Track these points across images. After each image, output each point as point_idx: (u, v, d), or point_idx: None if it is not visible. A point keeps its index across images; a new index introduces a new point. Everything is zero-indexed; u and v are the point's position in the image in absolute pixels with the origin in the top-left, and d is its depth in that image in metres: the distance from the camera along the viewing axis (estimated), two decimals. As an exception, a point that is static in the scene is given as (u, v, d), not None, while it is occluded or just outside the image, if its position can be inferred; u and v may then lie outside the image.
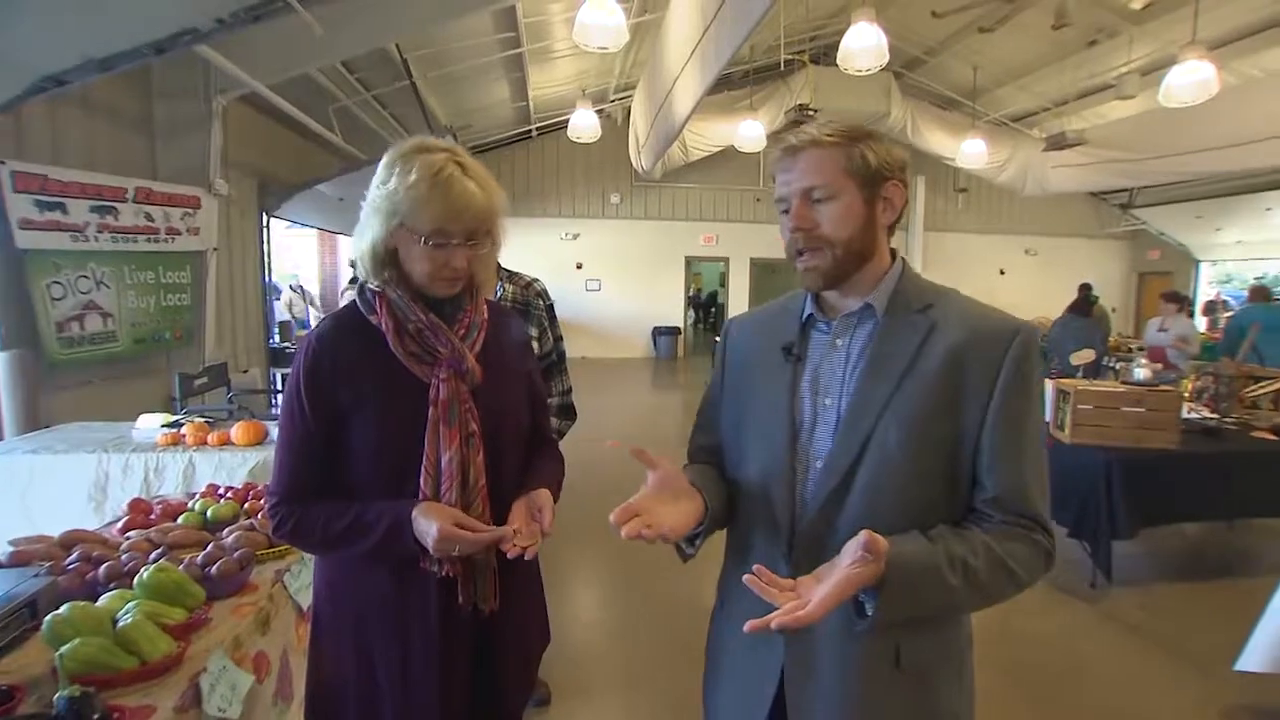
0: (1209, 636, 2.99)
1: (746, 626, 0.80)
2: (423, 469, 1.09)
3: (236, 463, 2.55)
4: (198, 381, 4.34)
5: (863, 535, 0.78)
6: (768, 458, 0.97)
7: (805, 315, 1.02)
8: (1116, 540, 3.36)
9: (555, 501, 1.19)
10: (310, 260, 10.30)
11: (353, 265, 1.19)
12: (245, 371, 5.66)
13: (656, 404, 9.49)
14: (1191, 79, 6.01)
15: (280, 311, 8.22)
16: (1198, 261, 12.67)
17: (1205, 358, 6.24)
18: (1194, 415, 4.00)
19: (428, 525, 1.03)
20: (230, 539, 1.63)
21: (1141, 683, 2.70)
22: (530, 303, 2.14)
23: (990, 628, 1.02)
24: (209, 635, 1.32)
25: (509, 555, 1.06)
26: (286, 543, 1.15)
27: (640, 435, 7.04)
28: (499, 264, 2.22)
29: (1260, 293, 6.52)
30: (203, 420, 3.13)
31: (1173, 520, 3.76)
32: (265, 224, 6.29)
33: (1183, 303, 6.45)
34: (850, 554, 0.80)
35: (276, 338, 6.69)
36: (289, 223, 7.79)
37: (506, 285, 2.10)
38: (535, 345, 2.10)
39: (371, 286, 1.13)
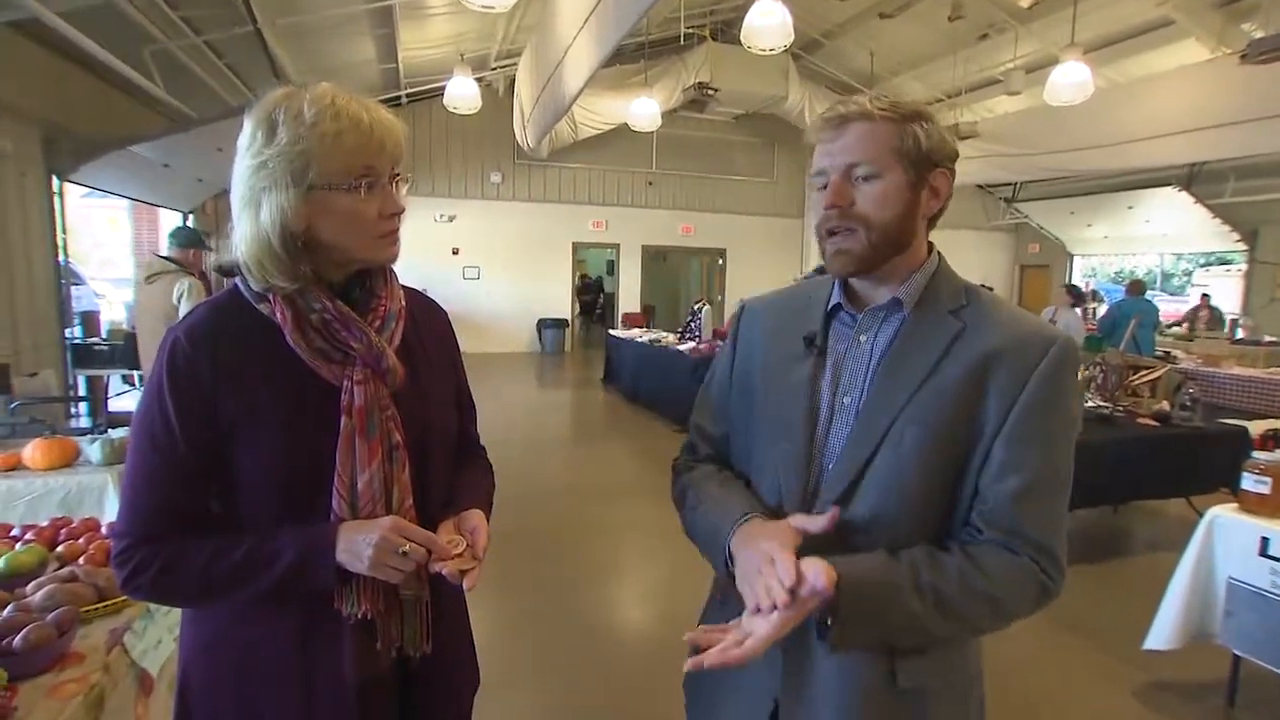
0: (1110, 616, 3.35)
1: (686, 665, 0.85)
2: (335, 491, 0.95)
3: (35, 492, 2.17)
4: (-37, 389, 3.70)
5: (788, 576, 0.81)
6: (783, 453, 0.98)
7: (831, 305, 1.01)
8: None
9: (488, 521, 1.09)
10: (121, 239, 9.18)
11: (227, 273, 0.99)
12: (33, 375, 4.90)
13: (545, 402, 9.33)
14: (1071, 80, 6.72)
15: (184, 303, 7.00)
16: (1072, 255, 14.27)
17: (1086, 348, 7.00)
18: (1090, 404, 4.44)
19: (365, 535, 0.92)
20: (39, 596, 1.35)
21: (1060, 669, 2.94)
22: None
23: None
24: (16, 729, 1.07)
25: (449, 577, 0.96)
26: (143, 596, 0.94)
27: (529, 437, 6.87)
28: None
29: (1137, 287, 7.43)
30: (-25, 439, 2.66)
31: (1078, 506, 4.15)
32: (56, 190, 5.48)
33: (1079, 298, 7.18)
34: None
35: (78, 331, 5.86)
36: (89, 190, 6.86)
37: None
38: None
39: (278, 285, 0.95)
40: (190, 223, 8.09)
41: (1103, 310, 9.93)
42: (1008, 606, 0.90)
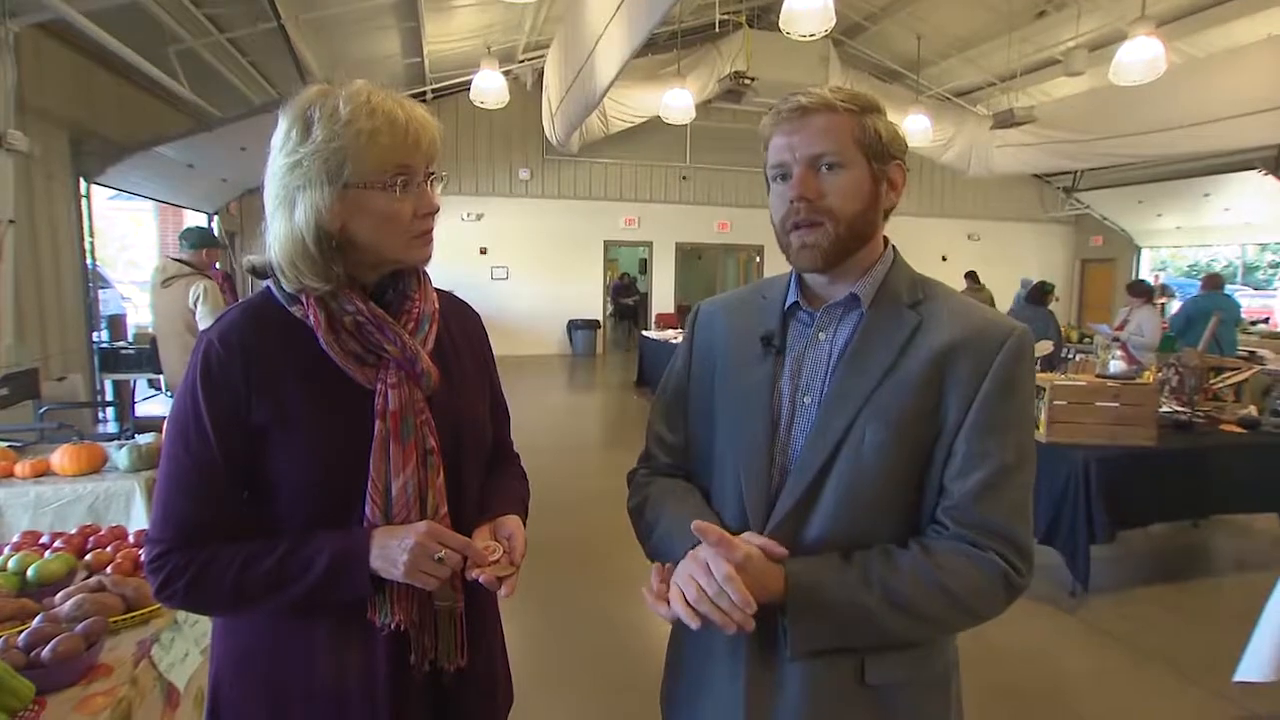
0: (1194, 643, 3.20)
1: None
2: (369, 497, 0.96)
3: (64, 499, 2.23)
4: (-6, 394, 3.83)
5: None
6: (743, 456, 1.00)
7: (788, 303, 1.04)
8: (1094, 544, 3.54)
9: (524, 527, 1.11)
10: (147, 241, 9.47)
11: (260, 274, 1.01)
12: (61, 379, 5.07)
13: (578, 406, 9.36)
14: (1140, 57, 6.49)
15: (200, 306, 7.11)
16: (1139, 248, 13.85)
17: (1161, 349, 6.74)
18: (1165, 409, 4.28)
19: (400, 540, 0.93)
20: (67, 606, 1.38)
21: (1135, 699, 2.83)
22: None
23: (965, 646, 1.08)
24: (44, 743, 1.09)
25: (486, 584, 0.97)
26: (176, 604, 0.96)
27: (561, 443, 6.89)
28: None
29: (1215, 280, 7.13)
30: (4, 445, 2.75)
31: (1150, 521, 4.00)
32: (84, 193, 5.67)
33: (1147, 294, 6.87)
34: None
35: (105, 335, 6.05)
36: (116, 192, 7.09)
37: None
38: None
39: (310, 286, 0.96)
40: (215, 224, 8.31)
41: (1175, 307, 9.57)
42: (968, 602, 0.91)
